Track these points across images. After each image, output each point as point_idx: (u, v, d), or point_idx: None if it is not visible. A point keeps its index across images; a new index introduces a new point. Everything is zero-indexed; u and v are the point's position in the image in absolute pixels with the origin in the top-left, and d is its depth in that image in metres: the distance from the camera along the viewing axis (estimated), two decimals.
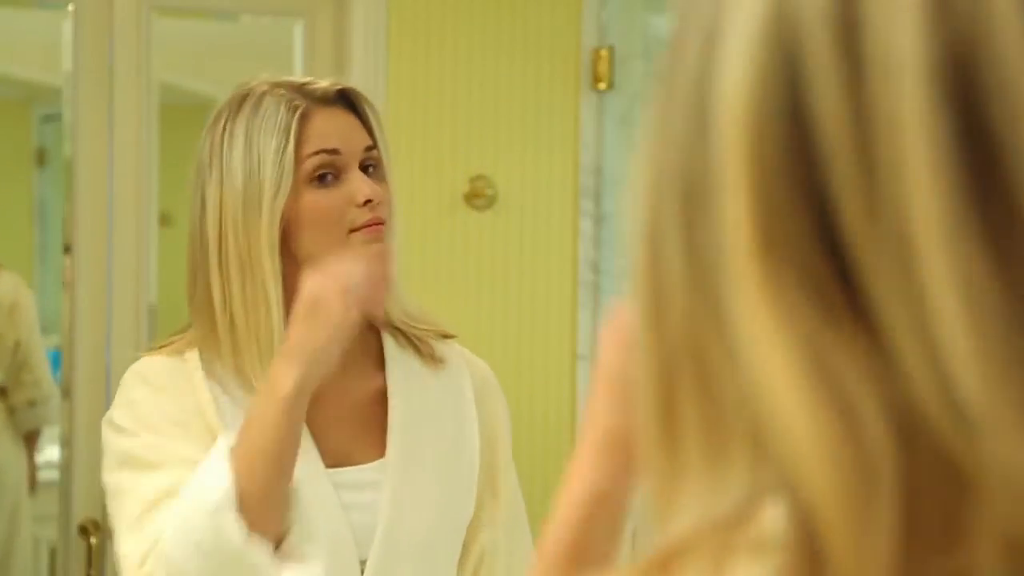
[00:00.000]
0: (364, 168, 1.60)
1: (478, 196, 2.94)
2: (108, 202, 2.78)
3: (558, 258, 3.02)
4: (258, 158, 1.55)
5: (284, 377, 1.47)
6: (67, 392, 2.82)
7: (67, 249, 2.82)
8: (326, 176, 1.57)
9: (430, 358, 1.67)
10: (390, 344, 1.67)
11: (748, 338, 0.48)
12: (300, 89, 1.60)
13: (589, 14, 3.01)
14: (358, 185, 1.57)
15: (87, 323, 2.78)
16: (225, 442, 1.48)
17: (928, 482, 0.48)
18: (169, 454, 1.51)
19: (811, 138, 0.47)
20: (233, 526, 1.43)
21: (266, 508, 1.45)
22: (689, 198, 0.50)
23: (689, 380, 0.51)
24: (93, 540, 2.77)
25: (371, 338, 1.67)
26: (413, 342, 1.67)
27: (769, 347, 0.47)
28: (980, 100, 0.47)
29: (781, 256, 0.48)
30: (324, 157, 1.57)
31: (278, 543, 1.47)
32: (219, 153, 1.57)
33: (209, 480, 1.45)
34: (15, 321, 3.53)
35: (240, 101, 1.59)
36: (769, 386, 0.47)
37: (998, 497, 0.47)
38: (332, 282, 1.49)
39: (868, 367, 0.47)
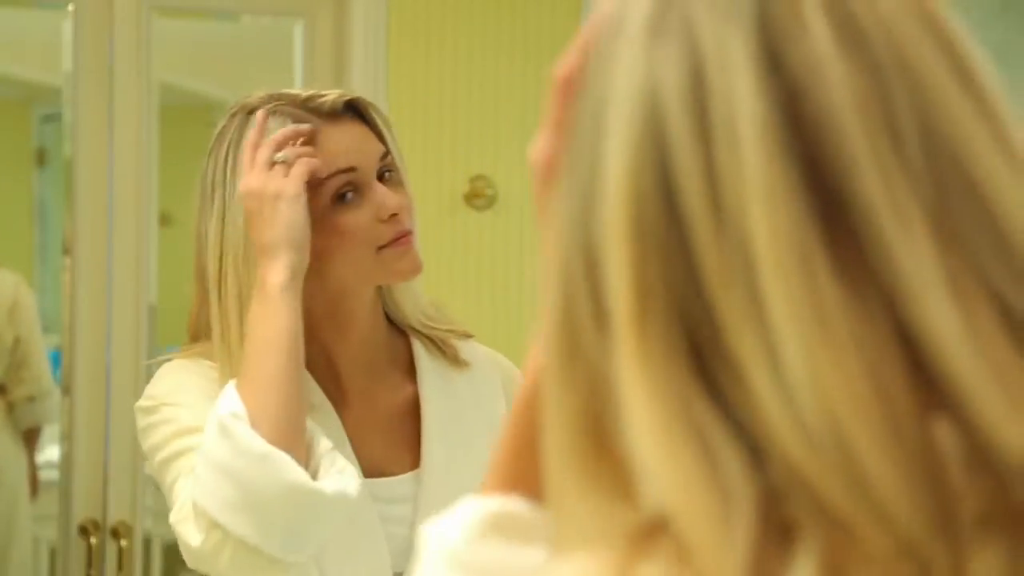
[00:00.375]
0: (380, 177, 1.53)
1: (478, 196, 2.94)
2: (108, 202, 2.78)
3: None
4: None
5: (269, 272, 1.42)
6: (67, 392, 2.82)
7: (67, 249, 2.82)
8: (346, 195, 1.50)
9: (456, 361, 1.62)
10: (421, 352, 1.61)
11: (627, 393, 0.54)
12: (305, 105, 1.52)
13: (589, 14, 3.01)
14: (382, 199, 1.50)
15: (87, 323, 2.78)
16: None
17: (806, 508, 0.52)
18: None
19: (679, 211, 0.54)
20: (248, 434, 1.36)
21: (282, 415, 1.39)
22: (588, 267, 0.57)
23: (592, 422, 0.57)
24: (93, 540, 2.77)
25: (399, 345, 1.62)
26: (439, 346, 1.62)
27: (641, 403, 0.54)
28: (817, 149, 0.53)
29: (656, 318, 0.54)
30: (342, 177, 1.50)
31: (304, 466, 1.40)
32: (222, 183, 1.50)
33: (220, 404, 1.40)
34: (15, 319, 3.54)
35: (243, 124, 1.51)
36: (641, 437, 0.54)
37: (858, 519, 0.51)
38: (255, 171, 1.45)
39: (730, 411, 0.52)
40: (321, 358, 1.55)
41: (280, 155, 1.47)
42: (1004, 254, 0.54)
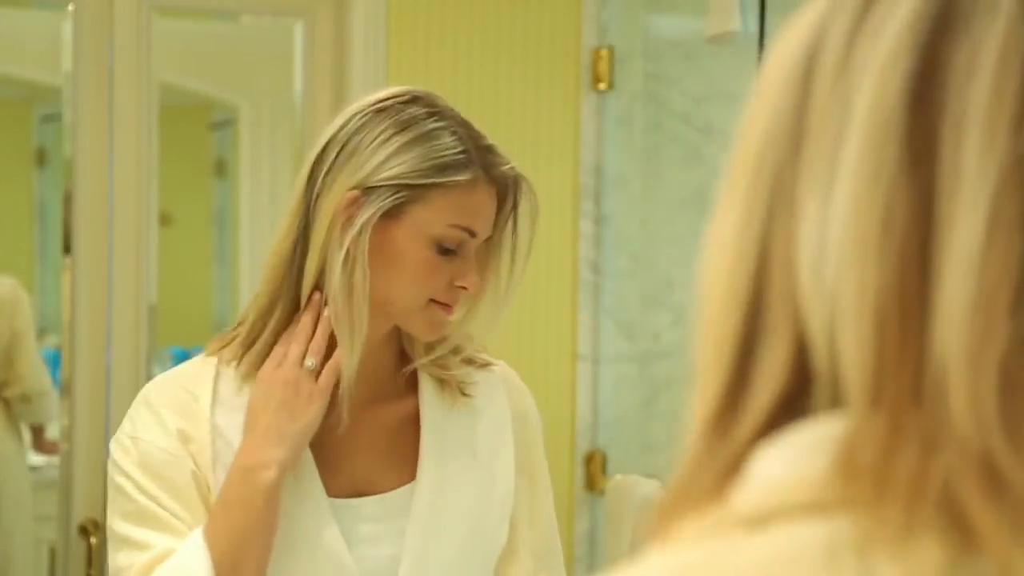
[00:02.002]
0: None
1: None
2: (108, 202, 2.78)
3: (558, 258, 3.02)
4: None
5: (268, 463, 1.46)
6: (67, 392, 2.82)
7: (67, 249, 2.82)
8: (448, 248, 1.54)
9: (461, 394, 1.63)
10: (424, 375, 1.63)
11: (717, 212, 0.65)
12: (483, 151, 1.63)
13: (589, 14, 3.01)
14: (468, 273, 1.55)
15: (87, 323, 2.78)
16: (200, 529, 1.46)
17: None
18: (163, 513, 1.50)
19: (812, 72, 0.62)
20: None
21: None
22: None
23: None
24: (93, 540, 2.77)
25: (405, 362, 1.63)
26: (446, 381, 1.63)
27: (724, 218, 0.64)
28: (946, 67, 0.59)
29: (760, 163, 0.63)
30: (462, 235, 1.54)
31: None
32: (339, 168, 1.53)
33: (189, 566, 1.43)
34: (11, 315, 3.55)
35: (403, 126, 1.59)
36: (711, 251, 0.65)
37: (825, 368, 0.60)
38: (288, 364, 1.51)
39: (775, 243, 0.62)
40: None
41: (309, 362, 1.51)
42: None
